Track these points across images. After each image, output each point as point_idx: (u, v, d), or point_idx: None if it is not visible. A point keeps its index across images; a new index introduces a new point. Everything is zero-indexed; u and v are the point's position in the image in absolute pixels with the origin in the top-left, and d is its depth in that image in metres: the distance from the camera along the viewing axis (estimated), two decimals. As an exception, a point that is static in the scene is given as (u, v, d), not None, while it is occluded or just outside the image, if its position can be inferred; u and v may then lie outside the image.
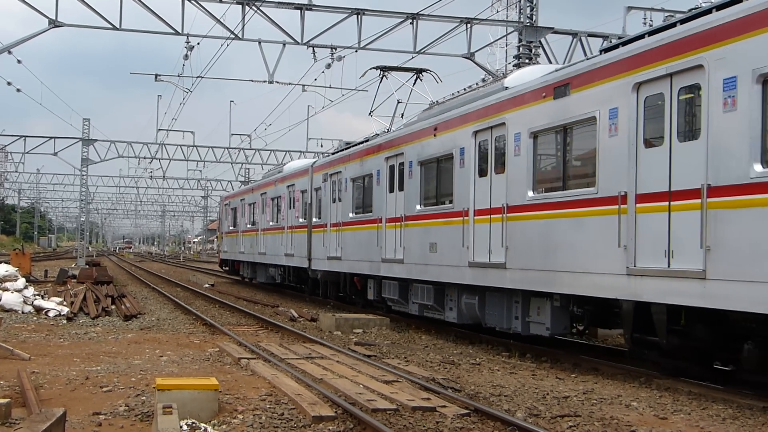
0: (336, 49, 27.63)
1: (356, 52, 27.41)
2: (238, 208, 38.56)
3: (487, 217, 14.55)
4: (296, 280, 29.47)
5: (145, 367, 11.99)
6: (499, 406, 9.28)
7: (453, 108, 16.43)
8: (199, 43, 28.00)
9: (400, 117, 22.91)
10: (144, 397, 9.55)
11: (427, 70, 22.84)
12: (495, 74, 31.21)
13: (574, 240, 12.07)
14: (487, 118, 14.59)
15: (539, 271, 12.91)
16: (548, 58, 25.81)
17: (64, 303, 21.59)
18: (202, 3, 25.80)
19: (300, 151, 56.36)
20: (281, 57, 28.75)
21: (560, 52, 31.95)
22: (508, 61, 42.76)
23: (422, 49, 27.13)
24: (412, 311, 18.31)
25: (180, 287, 33.97)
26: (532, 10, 25.46)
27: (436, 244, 16.47)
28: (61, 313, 19.80)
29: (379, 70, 23.15)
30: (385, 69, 23.09)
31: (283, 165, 35.66)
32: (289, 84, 34.63)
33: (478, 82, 16.78)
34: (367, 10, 26.40)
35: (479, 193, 14.90)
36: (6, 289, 20.88)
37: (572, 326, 13.88)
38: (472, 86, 16.80)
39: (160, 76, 36.84)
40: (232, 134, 58.27)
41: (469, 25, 26.83)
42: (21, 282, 21.82)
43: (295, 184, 27.85)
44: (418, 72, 22.77)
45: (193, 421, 8.07)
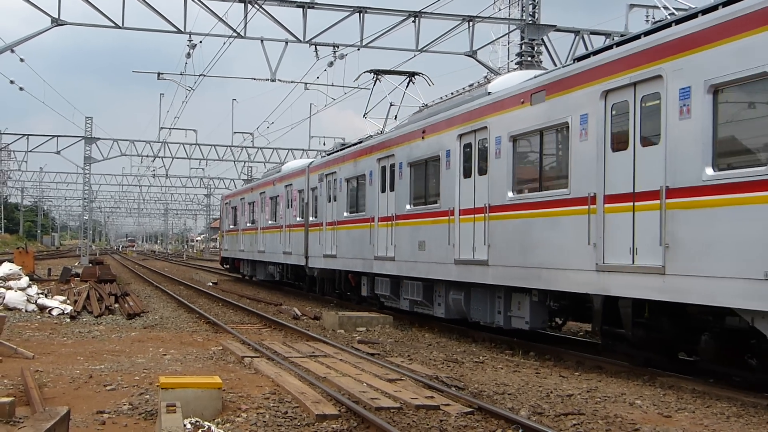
0: (338, 48, 27.80)
1: (358, 50, 27.55)
2: (238, 207, 39.26)
3: (471, 216, 15.26)
4: (294, 278, 30.20)
5: (148, 366, 12.03)
6: (503, 405, 9.28)
7: (440, 112, 17.13)
8: (201, 42, 28.21)
9: (393, 119, 23.63)
10: (147, 396, 9.58)
11: (420, 74, 23.60)
12: (497, 72, 31.50)
13: (550, 238, 12.77)
14: (471, 122, 15.30)
15: (519, 267, 13.62)
16: (550, 56, 25.91)
17: (68, 301, 21.60)
18: (204, 1, 25.92)
19: (302, 150, 56.63)
20: (283, 55, 28.94)
21: (563, 49, 32.00)
22: (511, 59, 42.56)
23: (424, 47, 27.32)
24: (403, 307, 19.02)
25: (183, 285, 34.13)
26: (535, 7, 25.64)
27: (425, 242, 17.18)
28: (65, 312, 19.77)
29: (373, 74, 23.89)
30: (378, 72, 23.82)
31: (282, 165, 36.37)
32: (292, 82, 34.64)
33: (465, 87, 17.40)
34: (370, 8, 26.45)
35: (464, 193, 15.61)
36: (9, 288, 20.91)
37: (551, 320, 14.64)
38: (459, 90, 17.47)
39: (163, 74, 37.05)
40: (235, 132, 58.53)
41: (471, 23, 26.94)
42: (24, 280, 21.86)
43: (292, 184, 28.57)
44: (410, 75, 23.50)
45: (197, 419, 8.07)
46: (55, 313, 19.75)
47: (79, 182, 71.29)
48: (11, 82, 41.33)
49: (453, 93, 17.82)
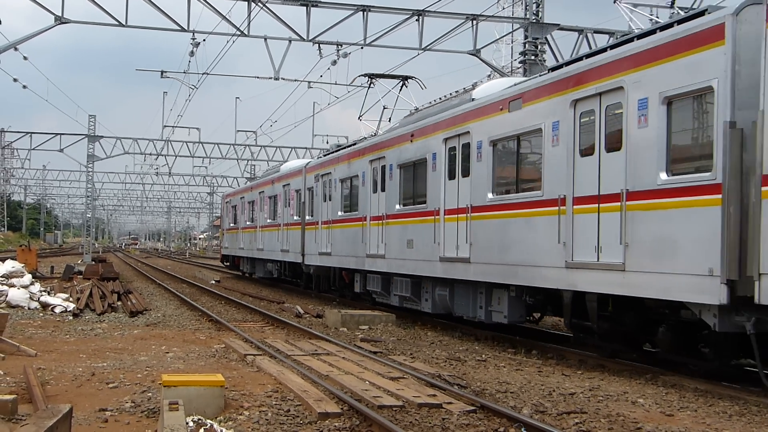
0: (342, 46, 27.84)
1: (362, 48, 27.55)
2: (238, 205, 40.13)
3: (455, 216, 16.11)
4: (291, 275, 31.08)
5: (151, 364, 12.02)
6: (506, 403, 9.30)
7: (428, 116, 17.99)
8: (204, 40, 28.17)
9: (387, 121, 24.51)
10: (150, 394, 9.57)
11: (413, 77, 24.49)
12: (501, 71, 32.00)
13: (526, 237, 13.62)
14: (455, 127, 16.15)
15: (498, 264, 14.47)
16: (554, 54, 26.03)
17: (71, 299, 21.57)
18: (208, -1, 25.97)
19: (305, 148, 56.77)
20: (287, 53, 28.69)
21: (566, 48, 31.95)
22: (514, 58, 42.26)
23: (428, 46, 27.45)
24: (393, 303, 19.87)
25: (186, 283, 34.28)
26: (538, 6, 25.85)
27: (413, 241, 18.04)
28: (67, 310, 19.68)
29: (367, 78, 24.78)
30: (372, 76, 24.71)
31: (280, 165, 37.23)
32: (295, 81, 34.27)
33: (451, 92, 18.24)
34: (373, 7, 26.32)
35: (449, 194, 16.46)
36: (12, 285, 20.82)
37: (529, 315, 15.50)
38: (446, 96, 18.31)
39: (166, 72, 36.89)
40: (238, 131, 58.66)
41: (475, 22, 26.96)
42: (27, 278, 21.80)
43: (290, 184, 29.44)
44: (403, 79, 24.39)
45: (200, 417, 8.06)
46: (57, 310, 19.72)
47: (82, 180, 71.77)
48: (15, 80, 41.57)
49: (441, 98, 18.66)
